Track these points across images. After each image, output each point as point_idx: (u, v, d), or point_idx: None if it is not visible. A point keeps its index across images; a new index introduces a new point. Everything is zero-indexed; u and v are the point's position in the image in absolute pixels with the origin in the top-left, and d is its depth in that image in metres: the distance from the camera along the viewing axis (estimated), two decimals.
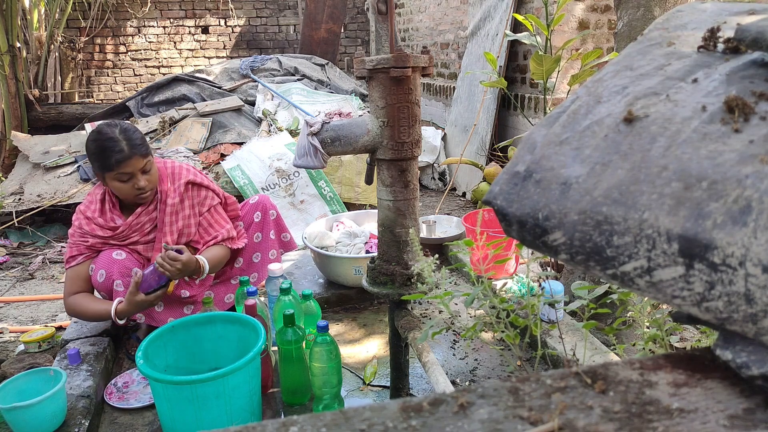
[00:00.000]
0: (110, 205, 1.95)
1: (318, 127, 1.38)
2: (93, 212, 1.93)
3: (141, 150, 1.84)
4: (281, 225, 2.33)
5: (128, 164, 1.81)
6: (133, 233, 1.96)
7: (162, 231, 1.99)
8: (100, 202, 1.95)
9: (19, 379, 1.58)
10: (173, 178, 2.02)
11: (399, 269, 1.50)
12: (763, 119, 0.44)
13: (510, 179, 0.52)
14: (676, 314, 0.49)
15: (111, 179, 1.85)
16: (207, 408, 1.43)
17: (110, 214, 1.95)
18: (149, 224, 1.98)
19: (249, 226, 2.23)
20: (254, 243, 2.23)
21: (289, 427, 0.41)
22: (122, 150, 1.80)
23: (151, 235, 1.99)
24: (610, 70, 0.57)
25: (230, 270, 2.21)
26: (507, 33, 2.50)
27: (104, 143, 1.81)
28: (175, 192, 2.00)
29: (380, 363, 1.96)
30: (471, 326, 1.28)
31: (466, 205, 4.05)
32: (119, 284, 1.88)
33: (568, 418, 0.41)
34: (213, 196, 2.09)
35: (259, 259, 2.24)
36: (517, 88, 4.04)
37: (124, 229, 1.94)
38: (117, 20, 7.08)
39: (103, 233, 1.92)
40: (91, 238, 1.91)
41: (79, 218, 1.93)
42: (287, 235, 2.34)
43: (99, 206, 1.94)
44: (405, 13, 6.39)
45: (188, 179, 2.03)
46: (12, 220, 3.42)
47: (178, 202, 2.00)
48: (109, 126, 1.85)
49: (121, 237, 1.95)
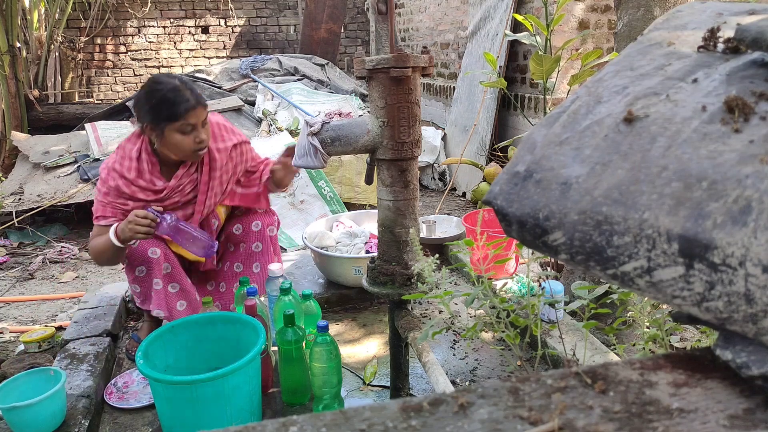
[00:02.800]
0: (149, 165, 1.84)
1: (318, 127, 1.38)
2: (131, 171, 1.81)
3: (203, 101, 1.78)
4: (276, 247, 2.23)
5: (194, 114, 1.74)
6: (175, 195, 1.89)
7: (205, 193, 1.93)
8: (136, 160, 1.82)
9: (19, 379, 1.58)
10: (221, 136, 1.96)
11: (399, 269, 1.50)
12: (763, 119, 0.44)
13: (510, 179, 0.52)
14: (676, 314, 0.49)
15: (173, 131, 1.74)
16: (207, 408, 1.43)
17: (149, 175, 1.84)
18: (190, 186, 1.91)
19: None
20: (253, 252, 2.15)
21: (289, 427, 0.41)
22: (188, 100, 1.72)
23: (190, 195, 1.93)
24: (610, 70, 0.57)
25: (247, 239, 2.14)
26: (507, 33, 2.50)
27: (168, 93, 1.71)
28: (223, 154, 1.94)
29: (380, 363, 1.96)
30: (471, 326, 1.28)
31: (466, 205, 4.05)
32: (158, 282, 1.86)
33: (568, 418, 0.41)
34: (250, 147, 2.08)
35: (259, 270, 2.16)
36: (517, 88, 4.04)
37: (167, 193, 1.86)
38: (117, 20, 7.08)
39: (145, 196, 1.82)
40: (131, 201, 1.82)
41: (116, 178, 1.80)
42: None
43: (136, 165, 1.82)
44: (405, 13, 6.39)
45: (234, 142, 1.97)
46: (12, 220, 3.42)
47: (225, 164, 1.95)
48: (167, 77, 1.77)
49: (163, 199, 1.86)
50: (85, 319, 2.17)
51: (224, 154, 1.95)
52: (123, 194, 1.81)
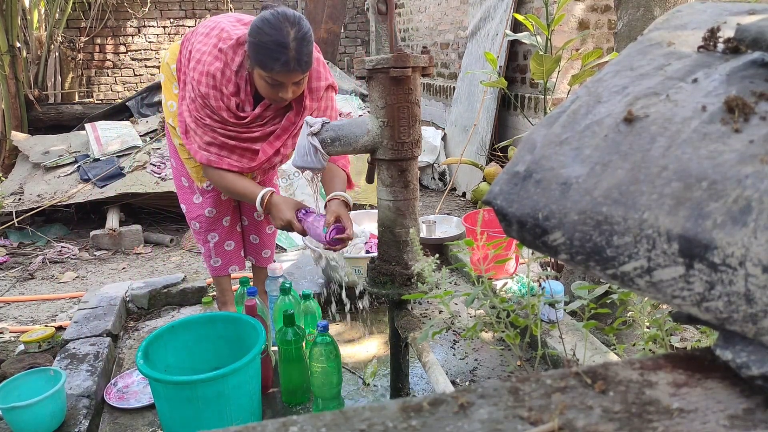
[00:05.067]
0: (248, 86, 1.70)
1: (318, 127, 1.38)
2: (230, 85, 1.67)
3: (305, 67, 1.60)
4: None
5: (287, 76, 1.58)
6: (256, 128, 1.74)
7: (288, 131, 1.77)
8: (235, 74, 1.67)
9: (18, 379, 1.59)
10: (317, 72, 1.77)
11: (399, 269, 1.50)
12: (763, 119, 0.44)
13: (510, 179, 0.52)
14: (676, 314, 0.49)
15: (259, 77, 1.61)
16: (207, 408, 1.43)
17: (244, 95, 1.70)
18: (272, 120, 1.76)
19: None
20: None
21: (289, 427, 0.41)
22: (287, 63, 1.55)
23: (268, 128, 1.75)
24: (610, 70, 0.57)
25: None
26: (507, 33, 2.50)
27: (272, 46, 1.53)
28: (314, 95, 1.77)
29: (380, 363, 1.96)
30: (471, 326, 1.28)
31: (466, 205, 4.05)
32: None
33: (568, 418, 0.41)
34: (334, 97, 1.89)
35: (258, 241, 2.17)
36: (517, 88, 4.04)
37: (250, 121, 1.71)
38: (117, 20, 7.08)
39: (227, 116, 1.68)
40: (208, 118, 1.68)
41: (208, 84, 1.65)
42: (268, 251, 2.24)
43: (235, 79, 1.67)
44: (405, 13, 6.39)
45: (329, 83, 1.80)
46: (12, 220, 3.42)
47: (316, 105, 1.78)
48: (287, 23, 1.54)
49: (240, 126, 1.71)
50: (85, 319, 2.17)
51: (316, 94, 1.76)
52: (207, 106, 1.67)
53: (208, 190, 1.94)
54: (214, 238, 2.02)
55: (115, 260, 3.22)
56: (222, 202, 1.99)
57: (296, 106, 1.76)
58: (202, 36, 1.73)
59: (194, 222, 1.99)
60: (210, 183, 1.91)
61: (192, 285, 2.56)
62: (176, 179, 2.01)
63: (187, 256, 3.21)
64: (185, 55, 1.77)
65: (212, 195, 1.95)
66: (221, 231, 2.03)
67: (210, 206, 1.97)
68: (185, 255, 3.24)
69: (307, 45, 1.59)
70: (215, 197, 1.96)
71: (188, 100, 1.72)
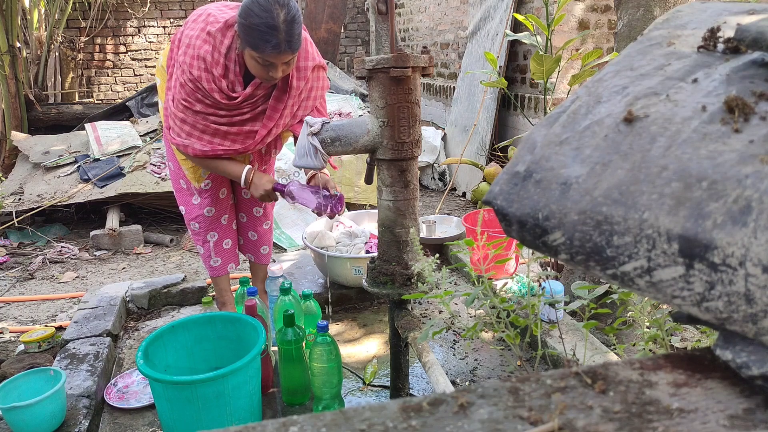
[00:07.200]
0: (236, 65, 1.73)
1: (318, 127, 1.38)
2: (218, 67, 1.69)
3: (295, 47, 1.64)
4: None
5: (276, 57, 1.62)
6: (246, 108, 1.77)
7: (278, 111, 1.81)
8: (224, 56, 1.70)
9: (18, 379, 1.59)
10: (305, 51, 1.81)
11: (399, 269, 1.50)
12: (763, 119, 0.44)
13: (510, 179, 0.52)
14: (676, 314, 0.49)
15: (250, 57, 1.64)
16: (207, 408, 1.43)
17: (233, 76, 1.74)
18: (262, 100, 1.80)
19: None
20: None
21: (289, 427, 0.41)
22: (278, 45, 1.59)
23: (258, 109, 1.80)
24: (610, 70, 0.57)
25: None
26: (507, 33, 2.50)
27: (263, 28, 1.57)
28: (302, 74, 1.80)
29: (380, 363, 1.96)
30: (471, 326, 1.28)
31: (466, 205, 4.05)
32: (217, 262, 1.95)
33: (568, 418, 0.41)
34: (326, 78, 1.94)
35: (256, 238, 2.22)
36: (517, 88, 4.04)
37: (241, 100, 1.75)
38: (117, 20, 7.08)
39: (219, 98, 1.71)
40: (200, 105, 1.73)
41: (200, 69, 1.69)
42: (266, 247, 2.28)
43: (223, 61, 1.70)
44: (405, 13, 6.39)
45: (316, 63, 1.84)
46: (12, 220, 3.42)
47: (303, 85, 1.82)
48: (277, 5, 1.58)
49: (232, 107, 1.75)
50: (85, 319, 2.17)
51: (303, 73, 1.80)
52: (199, 89, 1.71)
53: (206, 189, 1.98)
54: (213, 237, 2.04)
55: (115, 260, 3.22)
56: (220, 201, 2.02)
57: (282, 85, 1.81)
58: (191, 23, 1.79)
59: (194, 223, 2.01)
60: (207, 183, 1.97)
61: (192, 285, 2.56)
62: (174, 182, 2.04)
63: (187, 256, 3.21)
64: (176, 45, 1.82)
65: (210, 194, 1.99)
66: (220, 230, 2.06)
67: (208, 205, 1.99)
68: (185, 255, 3.24)
69: (297, 26, 1.64)
70: (213, 196, 2.00)
71: (177, 85, 1.75)
